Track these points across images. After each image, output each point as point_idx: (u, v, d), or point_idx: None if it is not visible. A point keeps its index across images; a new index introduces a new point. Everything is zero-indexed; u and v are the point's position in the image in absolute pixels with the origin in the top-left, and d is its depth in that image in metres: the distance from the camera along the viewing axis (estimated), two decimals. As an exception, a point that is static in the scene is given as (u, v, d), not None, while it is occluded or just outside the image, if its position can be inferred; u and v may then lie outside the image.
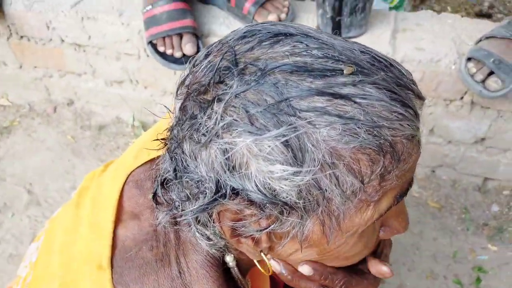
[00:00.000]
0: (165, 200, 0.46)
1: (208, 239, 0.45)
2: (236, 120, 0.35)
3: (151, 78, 1.42)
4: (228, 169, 0.36)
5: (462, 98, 1.17)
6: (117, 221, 0.52)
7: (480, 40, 1.11)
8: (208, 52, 0.41)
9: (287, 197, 0.36)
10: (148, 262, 0.48)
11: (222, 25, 1.25)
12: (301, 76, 0.35)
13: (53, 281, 0.51)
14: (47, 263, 0.55)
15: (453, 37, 1.17)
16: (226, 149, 0.36)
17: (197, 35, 1.19)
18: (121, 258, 0.49)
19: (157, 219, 0.48)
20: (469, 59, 1.07)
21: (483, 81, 1.05)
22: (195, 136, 0.38)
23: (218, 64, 0.37)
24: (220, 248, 0.47)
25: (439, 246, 1.19)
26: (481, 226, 1.23)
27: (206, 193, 0.38)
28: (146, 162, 0.56)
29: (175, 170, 0.41)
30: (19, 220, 1.31)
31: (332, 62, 0.36)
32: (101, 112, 1.61)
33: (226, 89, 0.36)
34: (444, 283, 1.13)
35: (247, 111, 0.35)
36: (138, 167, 0.56)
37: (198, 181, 0.39)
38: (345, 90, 0.35)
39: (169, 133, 0.44)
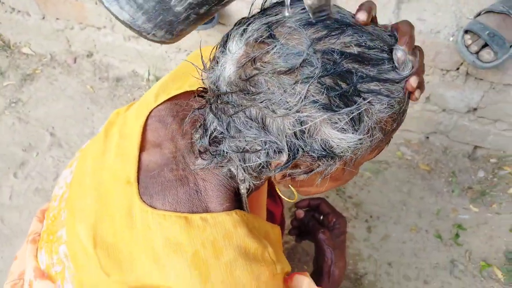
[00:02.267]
0: (208, 149, 0.56)
1: (242, 177, 0.57)
2: (316, 101, 0.45)
3: (167, 34, 1.50)
4: (302, 135, 0.47)
5: (458, 69, 1.24)
6: (141, 148, 0.62)
7: (479, 14, 1.17)
8: (271, 32, 0.47)
9: (339, 152, 0.48)
10: (169, 180, 0.58)
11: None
12: (362, 65, 0.46)
13: (89, 195, 0.62)
14: (81, 182, 0.66)
15: (454, 10, 1.23)
16: (303, 120, 0.46)
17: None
18: (146, 176, 0.59)
19: (196, 164, 0.58)
20: (466, 31, 1.14)
21: (477, 52, 1.12)
22: (270, 107, 0.47)
23: (298, 51, 0.46)
24: (241, 179, 0.58)
25: (424, 204, 1.30)
26: (466, 189, 1.33)
27: (270, 151, 0.49)
28: (165, 101, 0.66)
29: (227, 129, 0.51)
30: (43, 159, 1.44)
31: (380, 52, 0.48)
32: (119, 65, 1.71)
33: (309, 74, 0.45)
34: (425, 236, 1.24)
35: (326, 94, 0.45)
36: (158, 105, 0.66)
37: (264, 142, 0.49)
38: (390, 75, 0.48)
39: (215, 96, 0.52)
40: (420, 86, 0.51)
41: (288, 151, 0.48)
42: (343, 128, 0.46)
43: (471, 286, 1.15)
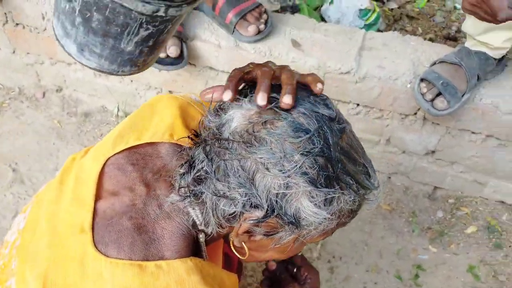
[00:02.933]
0: (188, 186, 0.59)
1: (206, 224, 0.60)
2: (307, 173, 0.52)
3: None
4: (282, 198, 0.53)
5: (415, 113, 1.30)
6: (98, 195, 0.63)
7: (435, 63, 1.24)
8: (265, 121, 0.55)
9: (304, 224, 0.54)
10: (126, 228, 0.59)
11: (206, 30, 1.36)
12: (348, 160, 0.56)
13: (42, 241, 0.62)
14: (34, 229, 0.66)
15: (412, 58, 1.30)
16: (290, 186, 0.52)
17: (182, 38, 1.29)
18: (102, 224, 0.59)
19: (168, 197, 0.61)
20: (422, 79, 1.21)
21: (432, 100, 1.19)
22: (266, 164, 0.52)
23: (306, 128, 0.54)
24: (201, 228, 0.61)
25: (385, 244, 1.33)
26: (426, 229, 1.37)
27: (247, 203, 0.54)
28: (123, 150, 0.67)
29: (215, 171, 0.55)
30: (3, 196, 1.40)
31: (359, 159, 0.59)
32: (87, 100, 1.71)
33: (310, 149, 0.52)
34: (386, 276, 1.27)
35: (316, 170, 0.52)
36: (116, 153, 0.66)
37: (246, 193, 0.54)
38: (361, 178, 0.58)
39: (215, 139, 0.56)
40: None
41: (266, 208, 0.53)
42: (316, 204, 0.53)
43: (431, 327, 1.18)
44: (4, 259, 0.67)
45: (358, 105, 1.35)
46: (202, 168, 0.57)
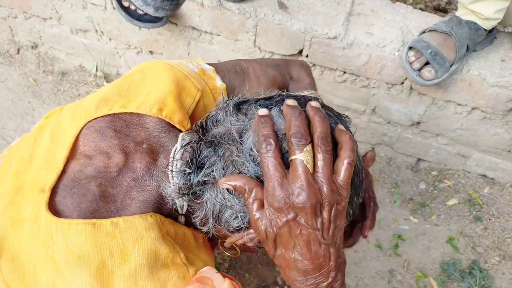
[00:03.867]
0: (192, 186, 0.54)
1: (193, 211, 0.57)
2: None
3: (116, 30, 1.45)
4: None
5: (402, 83, 1.27)
6: (71, 156, 0.58)
7: (424, 32, 1.20)
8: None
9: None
10: (93, 193, 0.55)
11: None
12: None
13: (4, 199, 0.58)
14: (1, 184, 0.61)
15: (401, 26, 1.26)
16: None
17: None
18: (68, 185, 0.55)
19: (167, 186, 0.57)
20: (410, 48, 1.17)
21: (419, 70, 1.15)
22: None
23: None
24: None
25: (366, 214, 1.32)
26: (407, 200, 1.37)
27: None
28: (107, 115, 0.62)
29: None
30: (-26, 155, 1.34)
31: None
32: (65, 58, 1.63)
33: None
34: (366, 246, 1.26)
35: None
36: (98, 117, 0.62)
37: None
38: None
39: (233, 146, 0.51)
40: None
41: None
42: None
43: (406, 296, 1.18)
44: None
45: (344, 72, 1.31)
46: (212, 172, 0.52)
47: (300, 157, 0.46)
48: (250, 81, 0.81)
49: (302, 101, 0.53)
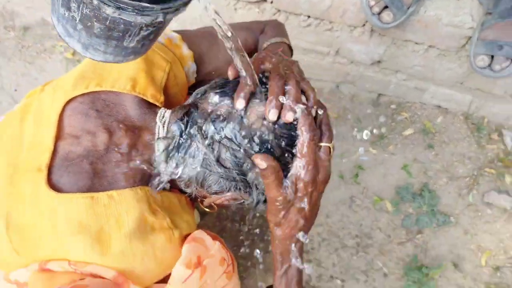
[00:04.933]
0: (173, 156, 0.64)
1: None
2: None
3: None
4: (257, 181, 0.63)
5: (364, 25, 1.33)
6: (57, 137, 0.65)
7: (384, -25, 1.23)
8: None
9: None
10: (86, 171, 0.63)
11: None
12: None
13: (3, 179, 0.65)
14: None
15: (363, -33, 1.28)
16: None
17: None
18: (62, 164, 0.63)
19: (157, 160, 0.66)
20: (370, -8, 1.21)
21: (379, 13, 1.21)
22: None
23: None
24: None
25: (332, 149, 1.46)
26: (368, 133, 1.50)
27: (235, 187, 0.64)
28: (85, 93, 0.67)
29: (213, 156, 0.61)
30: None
31: None
32: (25, 12, 1.58)
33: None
34: (331, 176, 1.41)
35: None
36: (79, 95, 0.67)
37: (236, 179, 0.62)
38: None
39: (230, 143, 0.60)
40: None
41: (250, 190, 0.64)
42: None
43: (366, 217, 1.36)
44: None
45: (309, 17, 1.34)
46: (198, 148, 0.61)
47: (330, 144, 0.62)
48: (218, 47, 0.86)
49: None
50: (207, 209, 0.77)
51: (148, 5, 0.48)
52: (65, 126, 0.66)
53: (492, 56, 1.19)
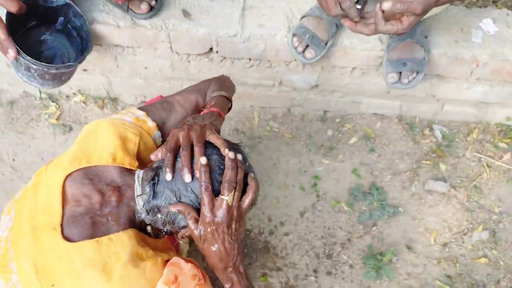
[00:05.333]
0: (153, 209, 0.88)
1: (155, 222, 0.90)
2: None
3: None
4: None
5: (295, 59, 1.58)
6: (64, 202, 0.88)
7: (304, 17, 1.49)
8: None
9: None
10: (88, 224, 0.85)
11: (102, 13, 1.49)
12: None
13: (27, 237, 0.87)
14: (20, 228, 0.90)
15: (286, 12, 1.54)
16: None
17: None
18: (70, 222, 0.85)
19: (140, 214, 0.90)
20: (293, 35, 1.47)
21: (303, 52, 1.46)
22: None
23: None
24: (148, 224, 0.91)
25: (290, 165, 1.69)
26: (320, 147, 1.74)
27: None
28: (79, 169, 0.91)
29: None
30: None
31: None
32: (9, 88, 1.82)
33: None
34: (293, 190, 1.64)
35: None
36: (73, 171, 0.90)
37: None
38: None
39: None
40: None
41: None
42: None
43: (328, 220, 1.59)
44: (2, 250, 0.92)
45: (250, 59, 1.60)
46: (165, 200, 0.86)
47: (226, 197, 0.81)
48: (176, 112, 1.10)
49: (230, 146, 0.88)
50: (181, 241, 0.99)
51: (70, 63, 1.20)
52: (68, 194, 0.89)
53: (400, 72, 1.45)
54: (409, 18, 0.98)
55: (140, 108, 1.06)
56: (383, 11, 0.98)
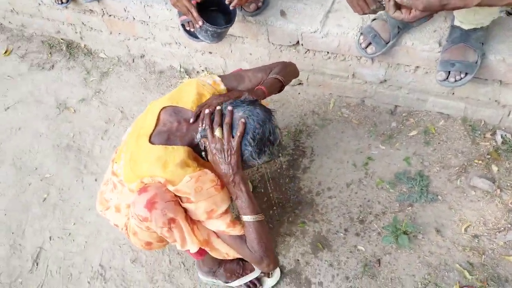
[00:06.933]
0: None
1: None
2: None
3: (187, 41, 2.28)
4: None
5: (365, 55, 1.88)
6: (158, 122, 1.40)
7: (374, 20, 1.79)
8: None
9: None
10: (165, 137, 1.35)
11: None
12: None
13: (133, 139, 1.43)
14: (132, 134, 1.46)
15: (363, 16, 1.85)
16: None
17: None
18: (156, 134, 1.37)
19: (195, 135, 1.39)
20: (361, 33, 1.78)
21: (366, 47, 1.76)
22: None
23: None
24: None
25: (349, 145, 1.99)
26: (381, 134, 1.99)
27: None
28: (171, 105, 1.43)
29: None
30: (117, 128, 2.33)
31: None
32: (161, 62, 2.53)
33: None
34: (346, 165, 1.94)
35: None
36: (167, 106, 1.43)
37: None
38: None
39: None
40: None
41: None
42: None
43: (369, 194, 1.84)
44: (123, 147, 1.51)
45: (328, 52, 1.95)
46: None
47: (216, 132, 1.26)
48: (243, 83, 1.56)
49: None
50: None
51: (227, 25, 1.76)
52: (161, 118, 1.43)
53: (449, 72, 1.63)
54: (415, 12, 1.23)
55: (220, 76, 1.55)
56: (395, 1, 1.25)
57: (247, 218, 1.35)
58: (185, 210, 1.33)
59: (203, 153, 1.38)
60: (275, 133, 1.29)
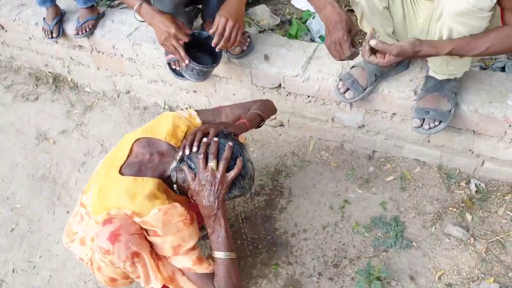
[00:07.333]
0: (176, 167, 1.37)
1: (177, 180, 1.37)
2: None
3: (173, 80, 2.32)
4: None
5: (344, 100, 1.93)
6: (130, 154, 1.40)
7: (353, 67, 1.86)
8: None
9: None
10: (135, 168, 1.35)
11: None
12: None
13: (103, 170, 1.42)
14: (103, 165, 1.45)
15: (342, 63, 1.93)
16: None
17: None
18: (127, 165, 1.37)
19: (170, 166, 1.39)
20: (340, 79, 1.84)
21: (344, 93, 1.82)
22: None
23: None
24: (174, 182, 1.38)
25: (327, 188, 1.99)
26: (358, 178, 2.00)
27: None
28: (145, 137, 1.44)
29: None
30: (95, 161, 2.30)
31: None
32: (145, 98, 2.56)
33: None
34: (323, 207, 1.93)
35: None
36: (141, 137, 1.43)
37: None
38: None
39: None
40: None
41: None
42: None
43: (345, 237, 1.83)
44: (93, 179, 1.50)
45: (308, 96, 2.01)
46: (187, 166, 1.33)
47: (211, 163, 1.26)
48: (220, 119, 1.59)
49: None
50: (192, 200, 1.43)
51: (213, 64, 1.84)
52: (133, 150, 1.42)
53: (423, 119, 1.68)
54: (389, 57, 1.29)
55: (196, 110, 1.57)
56: (370, 46, 1.32)
57: (219, 254, 1.32)
58: (151, 245, 1.29)
59: (174, 186, 1.37)
60: (246, 167, 1.30)
